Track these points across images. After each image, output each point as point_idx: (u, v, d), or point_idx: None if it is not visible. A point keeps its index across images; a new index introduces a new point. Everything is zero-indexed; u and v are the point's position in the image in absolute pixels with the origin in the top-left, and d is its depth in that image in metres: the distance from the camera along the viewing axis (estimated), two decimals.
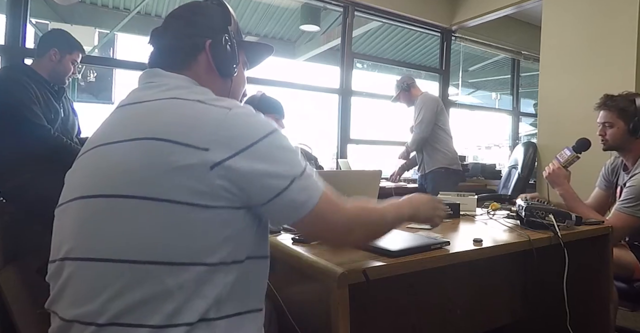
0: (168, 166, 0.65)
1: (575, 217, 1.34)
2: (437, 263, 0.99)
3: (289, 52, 5.57)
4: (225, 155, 0.66)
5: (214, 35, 0.81)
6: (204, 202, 0.66)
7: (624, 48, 2.54)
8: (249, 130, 0.69)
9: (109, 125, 0.77)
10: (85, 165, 0.76)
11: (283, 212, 0.73)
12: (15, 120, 1.74)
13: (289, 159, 0.72)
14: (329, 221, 0.76)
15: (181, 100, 0.72)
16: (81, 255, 0.69)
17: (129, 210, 0.66)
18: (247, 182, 0.68)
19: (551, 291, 1.39)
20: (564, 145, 1.81)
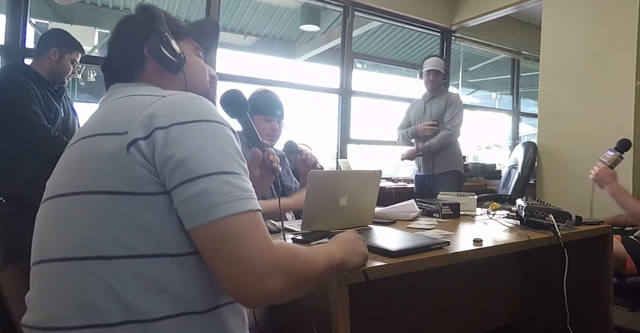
0: (93, 157, 0.65)
1: (575, 217, 1.34)
2: (437, 263, 0.99)
3: (289, 52, 5.57)
4: (140, 134, 0.62)
5: (147, 39, 0.81)
6: (127, 188, 0.62)
7: (624, 48, 2.53)
8: (175, 113, 0.64)
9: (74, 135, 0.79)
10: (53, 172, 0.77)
11: (186, 206, 0.60)
12: (15, 120, 1.74)
13: (216, 152, 0.63)
14: (241, 247, 0.59)
15: (125, 97, 0.73)
16: (37, 259, 0.68)
17: (66, 207, 0.66)
18: (161, 162, 0.61)
19: (551, 291, 1.39)
20: (564, 145, 1.82)
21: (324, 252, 0.75)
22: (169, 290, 0.62)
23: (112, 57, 0.84)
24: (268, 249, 0.61)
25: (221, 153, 0.63)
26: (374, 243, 1.03)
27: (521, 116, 5.02)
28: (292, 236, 1.13)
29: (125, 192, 0.62)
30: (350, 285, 0.84)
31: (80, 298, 0.62)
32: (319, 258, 0.72)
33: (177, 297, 0.63)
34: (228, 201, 0.60)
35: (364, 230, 1.24)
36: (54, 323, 0.62)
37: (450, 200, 1.64)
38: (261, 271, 0.59)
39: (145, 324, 0.61)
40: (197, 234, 0.60)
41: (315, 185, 1.19)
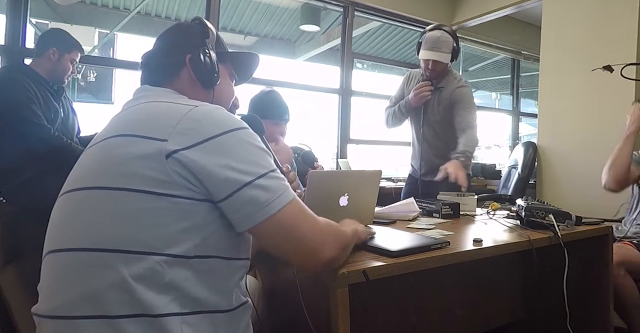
0: (126, 156, 0.68)
1: (575, 217, 1.34)
2: (437, 263, 0.99)
3: (289, 52, 5.57)
4: (182, 145, 0.67)
5: (192, 50, 0.86)
6: (160, 190, 0.66)
7: (624, 48, 2.53)
8: (210, 124, 0.70)
9: (99, 133, 0.81)
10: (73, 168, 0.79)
11: (243, 211, 0.68)
12: (15, 120, 1.74)
13: (254, 155, 0.71)
14: (299, 230, 0.70)
15: (154, 102, 0.77)
16: (52, 248, 0.71)
17: (89, 200, 0.69)
18: (205, 174, 0.67)
19: (551, 291, 1.39)
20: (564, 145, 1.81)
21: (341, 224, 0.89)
22: (180, 289, 0.66)
23: (155, 54, 0.89)
24: (318, 226, 0.74)
25: (259, 155, 0.71)
26: (374, 243, 1.03)
27: (521, 116, 5.02)
28: None
29: (156, 193, 0.66)
30: (350, 285, 0.84)
31: (93, 289, 0.64)
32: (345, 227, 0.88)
33: (186, 296, 0.67)
34: (277, 196, 0.69)
35: None
36: (64, 312, 0.65)
37: (450, 200, 1.64)
38: (319, 245, 0.73)
39: (152, 319, 0.64)
40: (259, 230, 0.69)
41: (315, 185, 1.19)
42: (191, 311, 0.67)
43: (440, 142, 2.23)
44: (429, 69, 2.12)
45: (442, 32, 2.08)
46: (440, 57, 2.05)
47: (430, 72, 2.14)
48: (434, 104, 2.19)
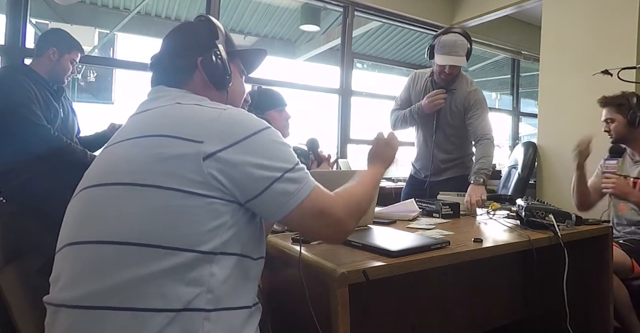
0: (162, 155, 0.70)
1: (576, 217, 1.34)
2: (437, 263, 0.99)
3: (289, 52, 5.57)
4: (218, 147, 0.71)
5: (203, 52, 0.88)
6: (195, 189, 0.69)
7: (624, 48, 2.53)
8: (241, 126, 0.75)
9: (119, 132, 0.82)
10: (93, 163, 0.81)
11: (276, 202, 0.74)
12: (15, 120, 1.74)
13: (281, 152, 0.76)
14: (327, 211, 0.78)
15: (181, 104, 0.79)
16: (73, 240, 0.72)
17: (119, 195, 0.71)
18: (239, 173, 0.71)
19: (551, 291, 1.39)
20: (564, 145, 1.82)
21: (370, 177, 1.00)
22: (205, 285, 0.69)
23: (165, 56, 0.90)
24: (339, 204, 0.80)
25: (284, 151, 0.77)
26: (374, 243, 1.03)
27: (521, 116, 5.02)
28: (292, 236, 1.13)
29: (191, 192, 0.69)
30: (350, 285, 0.84)
31: (121, 282, 0.65)
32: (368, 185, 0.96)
33: (210, 292, 0.69)
34: (303, 186, 0.76)
35: (364, 230, 1.24)
36: (87, 302, 0.66)
37: (450, 200, 1.64)
38: (342, 221, 0.80)
39: (176, 313, 0.66)
40: (293, 216, 0.76)
41: None
42: (213, 308, 0.69)
43: (451, 146, 2.23)
44: (445, 72, 2.10)
45: (457, 36, 2.08)
46: (458, 62, 2.05)
47: (445, 76, 2.12)
48: (447, 108, 2.17)
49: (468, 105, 2.13)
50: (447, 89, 2.14)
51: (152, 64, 0.91)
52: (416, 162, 2.40)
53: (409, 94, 2.31)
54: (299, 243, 1.07)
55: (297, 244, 1.06)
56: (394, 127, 2.33)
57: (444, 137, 2.22)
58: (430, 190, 2.19)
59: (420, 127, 2.31)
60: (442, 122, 2.19)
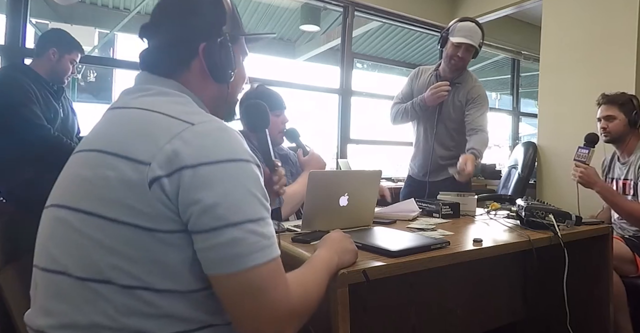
0: (112, 182, 0.61)
1: (576, 217, 1.34)
2: (437, 263, 0.99)
3: (289, 52, 5.57)
4: (165, 171, 0.60)
5: (208, 37, 0.75)
6: (148, 224, 0.60)
7: (624, 48, 2.53)
8: (204, 149, 0.61)
9: (92, 131, 0.74)
10: (63, 171, 0.74)
11: (216, 253, 0.59)
12: (15, 120, 1.74)
13: (247, 197, 0.62)
14: (265, 301, 0.60)
15: (147, 111, 0.67)
16: (38, 264, 0.68)
17: (74, 223, 0.63)
18: (187, 204, 0.60)
19: (551, 291, 1.39)
20: (564, 145, 1.82)
21: (324, 267, 0.78)
22: (175, 316, 0.63)
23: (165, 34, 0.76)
24: (286, 300, 0.62)
25: (249, 198, 0.62)
26: (374, 243, 1.03)
27: (521, 116, 5.02)
28: (292, 236, 1.13)
29: (143, 227, 0.60)
30: (350, 285, 0.84)
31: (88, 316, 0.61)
32: (322, 277, 0.75)
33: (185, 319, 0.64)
34: (253, 252, 0.60)
35: (364, 230, 1.24)
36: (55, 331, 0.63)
37: (450, 200, 1.64)
38: (280, 322, 0.62)
39: None
40: (220, 281, 0.61)
41: (315, 185, 1.19)
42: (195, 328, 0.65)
43: (451, 142, 2.21)
44: (458, 56, 2.08)
45: (474, 24, 2.07)
46: (474, 41, 2.03)
47: (457, 61, 2.10)
48: (450, 102, 2.15)
49: (470, 98, 2.12)
50: (451, 83, 2.12)
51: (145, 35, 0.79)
52: (414, 160, 2.37)
53: (411, 88, 2.29)
54: (299, 243, 1.07)
55: (297, 244, 1.06)
56: (394, 121, 2.32)
57: (445, 131, 2.20)
58: (429, 190, 2.17)
59: (420, 122, 2.29)
60: (444, 115, 2.17)
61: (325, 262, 0.79)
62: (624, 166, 1.95)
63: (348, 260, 0.87)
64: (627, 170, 1.92)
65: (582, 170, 1.83)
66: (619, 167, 1.99)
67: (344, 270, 0.84)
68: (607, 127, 1.96)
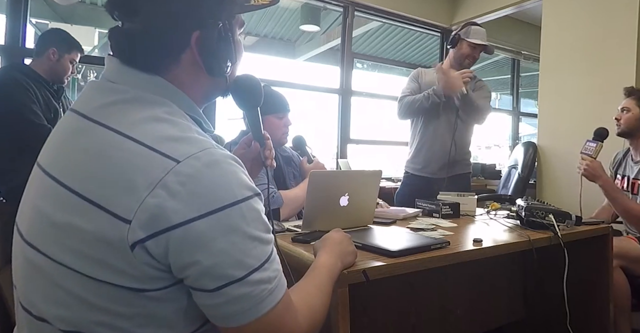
0: (87, 235, 0.53)
1: (576, 217, 1.34)
2: (437, 263, 0.99)
3: (289, 52, 5.57)
4: (148, 232, 0.51)
5: (202, 24, 0.61)
6: (134, 285, 0.53)
7: (624, 48, 2.53)
8: (194, 200, 0.52)
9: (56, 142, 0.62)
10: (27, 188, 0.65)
11: (228, 309, 0.55)
12: (15, 120, 1.74)
13: (247, 245, 0.55)
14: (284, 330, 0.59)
15: (121, 137, 0.55)
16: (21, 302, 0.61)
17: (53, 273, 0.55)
18: (181, 267, 0.53)
19: (551, 291, 1.39)
20: (564, 145, 1.82)
21: (328, 276, 0.76)
22: None
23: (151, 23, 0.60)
24: (297, 328, 0.60)
25: (250, 245, 0.55)
26: (374, 243, 1.03)
27: (521, 116, 5.02)
28: (292, 236, 1.13)
29: (130, 288, 0.54)
30: (350, 285, 0.84)
31: None
32: (327, 290, 0.73)
33: None
34: (262, 300, 0.56)
35: (364, 230, 1.24)
36: None
37: (451, 200, 1.65)
38: None
39: None
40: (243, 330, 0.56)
41: (315, 185, 1.19)
42: None
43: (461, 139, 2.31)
44: (474, 56, 2.25)
45: (484, 30, 2.25)
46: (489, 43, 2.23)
47: (471, 60, 2.25)
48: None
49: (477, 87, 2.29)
50: None
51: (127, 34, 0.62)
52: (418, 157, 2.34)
53: (419, 84, 2.32)
54: (299, 243, 1.07)
55: (297, 244, 1.06)
56: (405, 113, 2.30)
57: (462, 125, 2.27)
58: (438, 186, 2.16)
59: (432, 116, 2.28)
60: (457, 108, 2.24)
61: (329, 270, 0.78)
62: (637, 165, 1.93)
63: (349, 262, 0.86)
64: (638, 169, 1.91)
65: (587, 163, 1.84)
66: (632, 165, 1.97)
67: (344, 270, 0.84)
68: (620, 118, 1.95)
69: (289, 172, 1.73)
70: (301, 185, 1.61)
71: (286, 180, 1.70)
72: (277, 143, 1.70)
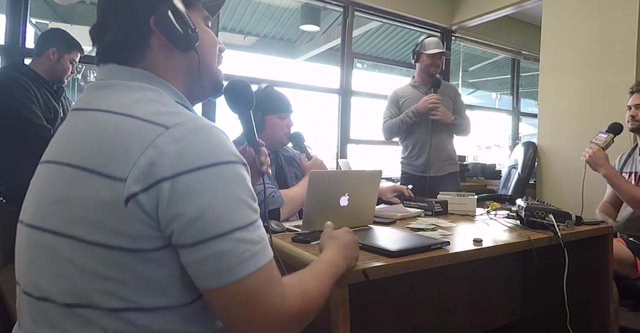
0: (86, 201, 0.57)
1: (576, 217, 1.34)
2: (437, 263, 0.99)
3: (289, 52, 5.57)
4: (142, 186, 0.55)
5: (154, 9, 0.68)
6: (128, 245, 0.57)
7: (624, 48, 2.53)
8: (182, 156, 0.56)
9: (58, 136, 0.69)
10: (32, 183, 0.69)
11: (205, 267, 0.56)
12: (15, 120, 1.74)
13: (232, 203, 0.57)
14: (259, 310, 0.57)
15: (116, 115, 0.61)
16: (24, 288, 0.65)
17: (48, 243, 0.60)
18: (168, 219, 0.56)
19: (551, 291, 1.39)
20: (564, 145, 1.82)
21: (329, 271, 0.75)
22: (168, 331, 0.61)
23: (107, 26, 0.69)
24: (281, 305, 0.59)
25: (235, 203, 0.58)
26: (374, 243, 1.03)
27: (521, 116, 5.02)
28: (292, 236, 1.13)
29: (124, 248, 0.57)
30: (350, 285, 0.84)
31: None
32: (325, 282, 0.72)
33: None
34: (243, 261, 0.57)
35: (364, 230, 1.24)
36: None
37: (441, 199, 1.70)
38: (277, 328, 0.59)
39: None
40: (212, 295, 0.58)
41: (315, 185, 1.19)
42: None
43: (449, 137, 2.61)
44: (436, 64, 2.56)
45: (437, 38, 2.61)
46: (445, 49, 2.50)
47: (435, 68, 2.57)
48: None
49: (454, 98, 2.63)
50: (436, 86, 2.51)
51: (94, 37, 0.71)
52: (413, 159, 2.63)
53: (398, 109, 2.64)
54: (299, 243, 1.07)
55: (297, 244, 1.06)
56: (390, 135, 2.66)
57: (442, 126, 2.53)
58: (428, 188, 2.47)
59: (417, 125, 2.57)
60: None
61: (332, 265, 0.77)
62: None
63: (351, 267, 0.86)
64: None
65: (593, 151, 1.86)
66: (639, 160, 1.97)
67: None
68: (636, 115, 1.94)
69: (291, 172, 1.73)
70: (301, 184, 1.61)
71: (288, 179, 1.70)
72: (278, 143, 1.70)
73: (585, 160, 1.88)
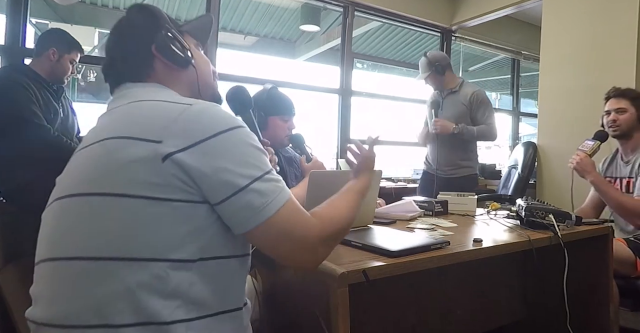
0: (123, 160, 0.67)
1: (575, 217, 1.34)
2: (437, 263, 0.99)
3: (289, 52, 5.57)
4: (177, 147, 0.66)
5: (153, 38, 0.83)
6: (160, 194, 0.65)
7: (624, 48, 2.54)
8: (205, 124, 0.68)
9: (89, 134, 0.79)
10: (66, 169, 0.78)
11: (239, 215, 0.67)
12: (15, 120, 1.74)
13: (249, 157, 0.70)
14: (292, 234, 0.70)
15: (144, 101, 0.75)
16: (49, 256, 0.69)
17: (88, 207, 0.68)
18: (201, 176, 0.66)
19: (551, 291, 1.39)
20: (564, 145, 1.83)
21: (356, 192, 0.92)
22: (185, 295, 0.66)
23: (115, 61, 0.84)
24: (314, 227, 0.72)
25: (255, 156, 0.70)
26: (374, 243, 1.03)
27: (521, 116, 5.02)
28: None
29: (156, 198, 0.65)
30: (350, 285, 0.84)
31: (97, 298, 0.64)
32: (352, 204, 0.87)
33: (192, 302, 0.67)
34: (272, 200, 0.68)
35: (364, 230, 1.24)
36: (65, 321, 0.64)
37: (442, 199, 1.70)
38: (314, 246, 0.72)
39: (158, 326, 0.63)
40: (254, 234, 0.69)
41: (315, 185, 1.19)
42: (196, 316, 0.67)
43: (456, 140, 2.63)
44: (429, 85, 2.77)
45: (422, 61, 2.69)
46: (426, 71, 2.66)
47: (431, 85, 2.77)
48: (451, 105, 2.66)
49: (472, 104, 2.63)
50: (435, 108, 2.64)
51: (106, 71, 0.86)
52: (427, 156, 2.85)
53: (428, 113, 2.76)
54: None
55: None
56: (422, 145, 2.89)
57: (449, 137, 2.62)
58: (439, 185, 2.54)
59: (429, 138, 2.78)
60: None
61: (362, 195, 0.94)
62: (628, 165, 1.94)
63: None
64: (630, 168, 1.91)
65: (580, 158, 1.89)
66: (622, 166, 1.98)
67: (344, 270, 0.84)
68: (617, 120, 1.93)
69: (291, 173, 1.73)
70: (300, 185, 1.61)
71: (288, 180, 1.70)
72: (279, 144, 1.70)
73: (573, 167, 1.90)
